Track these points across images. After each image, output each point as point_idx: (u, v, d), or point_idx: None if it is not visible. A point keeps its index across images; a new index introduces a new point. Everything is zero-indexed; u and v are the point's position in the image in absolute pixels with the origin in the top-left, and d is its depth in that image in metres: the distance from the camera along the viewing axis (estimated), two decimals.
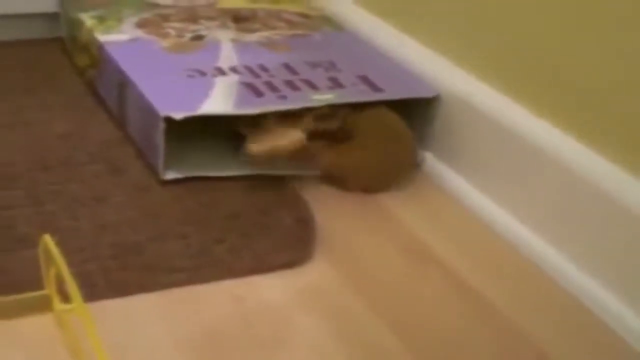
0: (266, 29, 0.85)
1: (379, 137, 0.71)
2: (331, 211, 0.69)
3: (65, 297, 0.52)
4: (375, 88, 0.74)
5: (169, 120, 0.66)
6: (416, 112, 0.76)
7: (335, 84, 0.74)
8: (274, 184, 0.70)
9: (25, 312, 0.53)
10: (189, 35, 0.82)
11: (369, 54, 0.82)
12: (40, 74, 0.87)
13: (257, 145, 0.68)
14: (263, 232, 0.64)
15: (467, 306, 0.59)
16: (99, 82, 0.82)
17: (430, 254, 0.65)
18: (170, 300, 0.56)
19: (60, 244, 0.57)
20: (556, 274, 0.63)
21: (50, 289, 0.53)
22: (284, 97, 0.71)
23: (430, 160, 0.76)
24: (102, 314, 0.54)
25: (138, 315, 0.55)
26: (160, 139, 0.67)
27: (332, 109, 0.70)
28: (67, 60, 0.90)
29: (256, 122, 0.69)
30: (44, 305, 0.54)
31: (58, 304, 0.53)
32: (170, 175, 0.69)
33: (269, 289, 0.59)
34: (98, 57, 0.80)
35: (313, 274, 0.61)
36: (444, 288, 0.61)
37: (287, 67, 0.77)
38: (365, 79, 0.75)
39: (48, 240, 0.50)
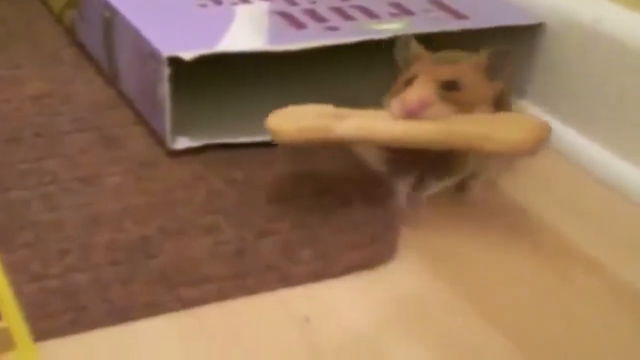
0: None
1: None
2: None
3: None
4: (456, 14, 0.59)
5: (175, 65, 0.51)
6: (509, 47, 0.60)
7: (401, 10, 0.59)
8: (334, 150, 0.55)
9: None
10: None
11: None
12: (7, 23, 0.74)
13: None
14: (326, 220, 0.49)
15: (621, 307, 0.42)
16: (80, 27, 0.67)
17: (552, 235, 0.48)
18: (195, 325, 0.40)
19: (32, 245, 0.44)
20: None
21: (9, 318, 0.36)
22: (334, 29, 0.56)
23: (531, 110, 0.60)
24: (97, 348, 0.38)
25: (149, 348, 0.39)
26: (164, 92, 0.52)
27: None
28: (41, 6, 0.77)
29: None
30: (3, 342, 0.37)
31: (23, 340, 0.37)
32: (182, 143, 0.55)
33: (342, 303, 0.42)
34: None
35: (402, 279, 0.44)
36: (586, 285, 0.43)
37: None
38: (440, 4, 0.60)
39: None
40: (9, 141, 0.55)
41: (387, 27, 0.55)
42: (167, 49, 0.52)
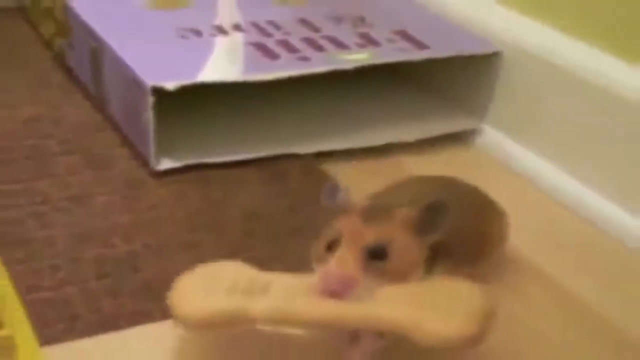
0: None
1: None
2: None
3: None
4: (419, 45, 0.61)
5: (158, 93, 0.53)
6: (469, 74, 0.63)
7: (368, 40, 0.61)
8: (300, 166, 0.57)
9: None
10: None
11: (404, 5, 0.68)
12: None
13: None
14: (295, 236, 0.51)
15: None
16: (69, 54, 0.68)
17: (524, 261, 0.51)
18: (177, 333, 0.42)
19: (26, 260, 0.47)
20: None
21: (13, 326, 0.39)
22: (305, 59, 0.57)
23: (488, 133, 0.63)
24: (89, 354, 0.41)
25: (137, 353, 0.41)
26: (149, 117, 0.54)
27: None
28: (31, 31, 0.78)
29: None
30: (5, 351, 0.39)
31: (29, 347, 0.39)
32: (165, 164, 0.56)
33: None
34: (65, 21, 0.67)
35: None
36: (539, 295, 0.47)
37: (305, 22, 0.63)
38: (404, 34, 0.62)
39: None
40: (1, 162, 0.57)
41: (355, 57, 0.57)
42: (151, 79, 0.53)
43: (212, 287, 0.39)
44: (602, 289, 0.49)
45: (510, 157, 0.61)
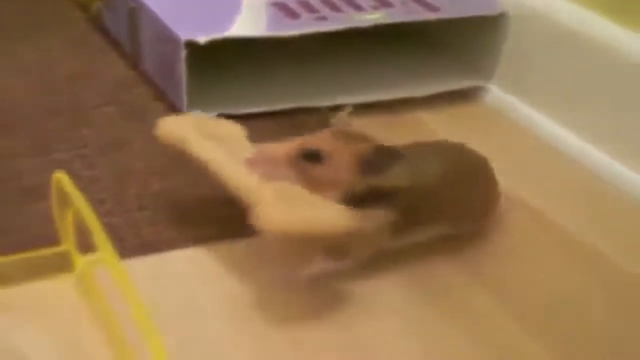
0: None
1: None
2: None
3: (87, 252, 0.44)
4: (429, 7, 0.65)
5: (191, 47, 0.58)
6: (476, 35, 0.68)
7: (382, 2, 0.65)
8: (316, 119, 0.61)
9: (37, 274, 0.45)
10: None
11: None
12: (37, 12, 0.78)
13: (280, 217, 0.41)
14: None
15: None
16: (106, 16, 0.73)
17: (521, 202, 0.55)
18: (209, 255, 0.48)
19: None
20: None
21: (67, 243, 0.44)
22: (323, 19, 0.62)
23: (495, 91, 0.67)
24: (134, 272, 0.45)
25: (173, 273, 0.47)
26: (181, 69, 0.59)
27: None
28: None
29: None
30: (60, 264, 0.45)
31: (79, 258, 0.44)
32: (195, 113, 0.61)
33: None
34: None
35: None
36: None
37: None
38: None
39: (62, 178, 0.41)
40: (48, 114, 0.61)
41: (369, 17, 0.62)
42: (184, 34, 0.58)
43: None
44: (592, 225, 0.54)
45: (514, 112, 0.65)
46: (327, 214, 0.41)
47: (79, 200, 0.39)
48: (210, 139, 0.46)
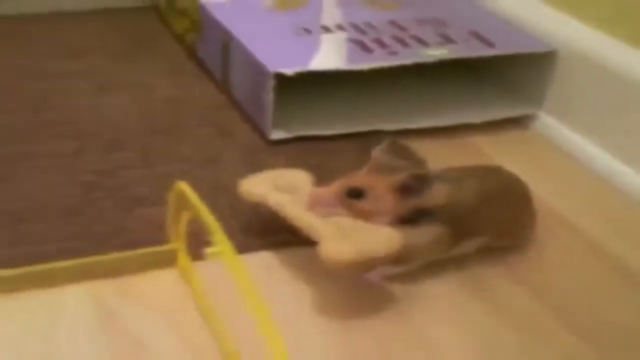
0: None
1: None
2: None
3: (192, 253, 0.52)
4: (487, 43, 0.72)
5: (278, 78, 0.65)
6: (529, 68, 0.74)
7: (446, 39, 0.72)
8: (381, 137, 0.67)
9: (147, 268, 0.53)
10: None
11: (479, 11, 0.80)
12: (138, 41, 0.86)
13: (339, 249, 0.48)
14: None
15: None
16: (200, 47, 0.81)
17: (562, 220, 0.61)
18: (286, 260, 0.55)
19: None
20: None
21: (178, 242, 0.52)
22: (394, 54, 0.69)
23: (544, 119, 0.73)
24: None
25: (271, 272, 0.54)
26: (269, 96, 0.66)
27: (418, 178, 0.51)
28: (163, 27, 0.90)
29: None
30: (169, 261, 0.53)
31: (185, 259, 0.52)
32: (278, 134, 0.68)
33: None
34: (199, 20, 0.79)
35: None
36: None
37: (394, 24, 0.75)
38: (476, 35, 0.73)
39: (184, 186, 0.49)
40: (151, 132, 0.68)
41: (434, 53, 0.69)
42: (273, 66, 0.65)
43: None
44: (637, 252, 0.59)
45: (561, 139, 0.71)
46: (379, 238, 0.48)
47: (199, 204, 0.47)
48: (282, 190, 0.54)
